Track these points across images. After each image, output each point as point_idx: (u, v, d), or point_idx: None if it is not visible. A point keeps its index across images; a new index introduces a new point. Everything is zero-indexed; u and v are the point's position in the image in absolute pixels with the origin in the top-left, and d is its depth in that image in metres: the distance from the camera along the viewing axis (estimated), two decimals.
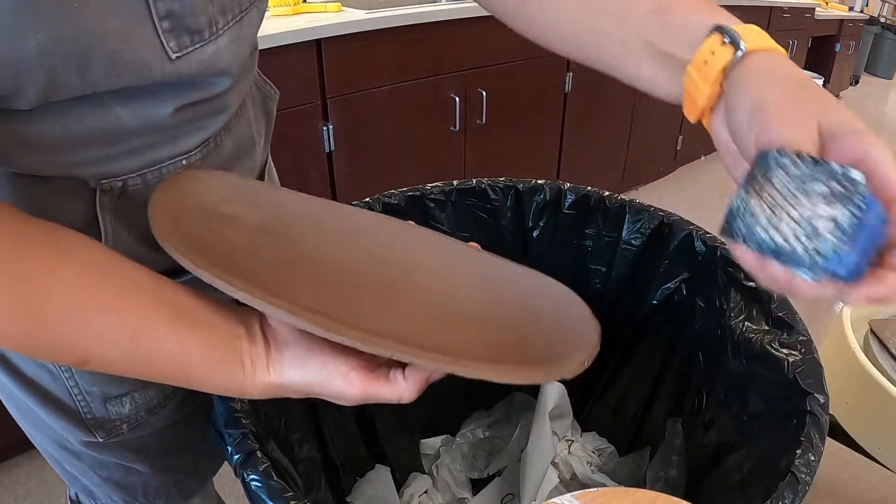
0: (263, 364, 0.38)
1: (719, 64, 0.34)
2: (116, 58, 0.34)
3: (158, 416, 0.53)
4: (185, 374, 0.37)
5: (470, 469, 0.84)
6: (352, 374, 0.37)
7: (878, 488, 0.90)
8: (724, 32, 0.34)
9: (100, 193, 0.41)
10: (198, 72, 0.39)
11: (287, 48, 1.34)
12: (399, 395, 0.37)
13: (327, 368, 0.37)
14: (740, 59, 0.33)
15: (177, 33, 0.36)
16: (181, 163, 0.44)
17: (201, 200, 0.41)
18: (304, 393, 0.39)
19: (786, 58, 0.34)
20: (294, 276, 0.40)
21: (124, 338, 0.34)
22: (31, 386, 0.48)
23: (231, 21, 0.40)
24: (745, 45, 0.33)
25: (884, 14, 5.69)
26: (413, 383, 0.37)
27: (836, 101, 0.31)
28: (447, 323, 0.42)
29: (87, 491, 0.58)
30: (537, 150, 2.22)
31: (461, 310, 0.44)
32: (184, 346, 0.36)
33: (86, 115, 0.37)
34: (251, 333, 0.38)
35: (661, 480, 0.71)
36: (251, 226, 0.43)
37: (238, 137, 0.51)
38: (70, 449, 0.53)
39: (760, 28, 0.35)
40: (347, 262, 0.44)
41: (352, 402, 0.38)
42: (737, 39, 0.33)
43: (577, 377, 0.38)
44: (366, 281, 0.43)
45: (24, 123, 0.36)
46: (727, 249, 0.64)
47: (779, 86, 0.32)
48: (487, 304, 0.45)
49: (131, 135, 0.40)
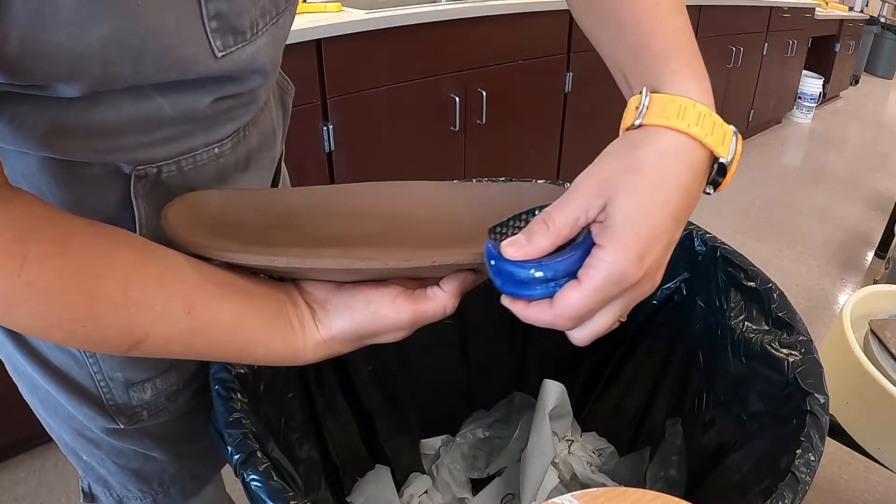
0: (311, 322, 0.40)
1: (625, 123, 0.37)
2: (168, 53, 0.36)
3: (177, 403, 0.54)
4: (241, 344, 0.38)
5: (470, 469, 0.84)
6: (398, 300, 0.39)
7: (877, 488, 0.90)
8: (638, 107, 0.36)
9: (134, 180, 0.42)
10: (238, 69, 0.41)
11: (287, 48, 1.33)
12: (443, 306, 0.40)
13: (374, 302, 0.39)
14: (635, 127, 0.36)
15: (223, 33, 0.38)
16: (214, 150, 0.46)
17: (207, 214, 0.43)
18: (356, 339, 0.40)
19: (677, 143, 0.34)
20: (317, 247, 0.43)
21: (181, 313, 0.35)
22: (55, 373, 0.49)
23: (269, 23, 0.43)
24: (644, 119, 0.35)
25: (884, 14, 5.69)
26: (451, 291, 0.40)
27: (646, 195, 0.33)
28: (458, 241, 0.45)
29: (101, 480, 0.58)
30: (537, 150, 2.22)
31: (466, 231, 0.47)
32: (237, 317, 0.37)
33: (127, 103, 0.39)
34: (293, 299, 0.40)
35: (661, 480, 0.71)
36: (258, 225, 0.45)
37: (262, 129, 0.53)
38: (89, 437, 0.54)
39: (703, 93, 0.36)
40: (355, 228, 0.47)
41: (404, 331, 0.40)
42: (642, 110, 0.35)
43: (577, 377, 0.39)
44: (376, 234, 0.46)
45: (64, 110, 0.37)
46: (727, 249, 0.64)
47: (612, 160, 0.35)
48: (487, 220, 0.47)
49: (169, 123, 0.42)
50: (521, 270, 0.35)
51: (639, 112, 0.35)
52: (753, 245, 2.51)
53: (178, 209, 0.42)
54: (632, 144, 0.35)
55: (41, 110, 0.37)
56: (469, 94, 1.83)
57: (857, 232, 2.69)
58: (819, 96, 4.28)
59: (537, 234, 0.35)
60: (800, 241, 2.56)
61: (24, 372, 0.51)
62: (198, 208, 0.43)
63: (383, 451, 0.79)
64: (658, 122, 0.34)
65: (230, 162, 0.49)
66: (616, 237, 0.33)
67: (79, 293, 0.32)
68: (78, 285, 0.32)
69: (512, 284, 0.36)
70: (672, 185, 0.34)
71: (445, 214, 0.49)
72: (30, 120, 0.37)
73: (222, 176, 0.49)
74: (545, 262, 0.35)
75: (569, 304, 0.34)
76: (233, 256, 0.37)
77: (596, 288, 0.33)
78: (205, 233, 0.41)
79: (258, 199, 0.48)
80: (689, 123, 0.34)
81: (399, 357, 0.75)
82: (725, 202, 2.87)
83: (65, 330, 0.33)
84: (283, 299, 0.40)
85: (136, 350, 0.35)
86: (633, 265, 0.33)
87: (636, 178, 0.34)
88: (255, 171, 0.53)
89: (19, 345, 0.48)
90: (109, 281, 0.33)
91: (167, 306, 0.35)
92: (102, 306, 0.33)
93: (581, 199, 0.35)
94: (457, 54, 1.76)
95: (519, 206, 0.48)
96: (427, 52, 1.68)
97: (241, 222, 0.44)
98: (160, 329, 0.35)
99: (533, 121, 2.12)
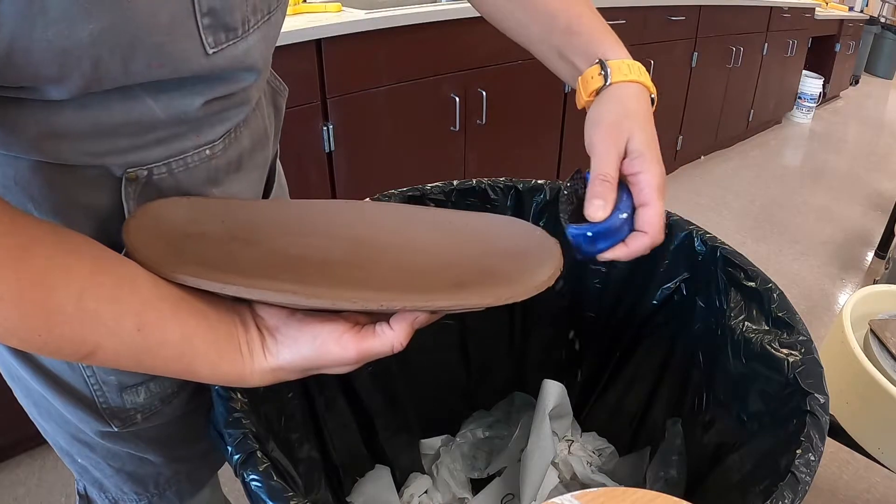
0: (259, 350, 0.39)
1: (593, 87, 0.50)
2: (159, 50, 0.36)
3: (172, 406, 0.54)
4: (188, 365, 0.38)
5: (470, 469, 0.84)
6: (344, 337, 0.39)
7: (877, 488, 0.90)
8: (602, 66, 0.50)
9: (125, 182, 0.42)
10: (229, 67, 0.41)
11: (287, 48, 1.34)
12: (390, 344, 0.39)
13: (320, 338, 0.39)
14: (606, 87, 0.49)
15: (214, 29, 0.39)
16: (205, 152, 0.46)
17: (170, 226, 0.43)
18: (302, 370, 0.40)
19: (638, 89, 0.49)
20: (268, 269, 0.43)
21: (132, 331, 0.35)
22: (48, 377, 0.49)
23: (260, 20, 0.43)
24: (612, 79, 0.49)
25: (884, 14, 5.69)
26: (400, 330, 0.39)
27: (646, 126, 0.48)
28: (416, 275, 0.45)
29: (97, 484, 0.58)
30: (537, 150, 2.22)
31: (427, 262, 0.47)
32: (187, 338, 0.37)
33: (117, 106, 0.39)
34: (245, 323, 0.40)
35: (661, 480, 0.71)
36: (219, 238, 0.45)
37: (254, 130, 0.53)
38: (84, 440, 0.54)
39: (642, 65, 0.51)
40: (314, 249, 0.47)
41: (349, 366, 0.40)
42: (608, 74, 0.49)
43: (577, 377, 0.39)
44: (335, 260, 0.46)
45: (55, 114, 0.37)
46: (727, 249, 0.64)
47: (616, 112, 0.48)
48: (450, 251, 0.48)
49: (160, 126, 0.42)
50: (614, 220, 0.44)
51: (604, 76, 0.49)
52: (753, 245, 2.51)
53: (140, 220, 0.42)
54: (615, 99, 0.49)
55: (32, 114, 0.37)
56: (469, 94, 1.83)
57: (857, 232, 2.69)
58: (819, 96, 4.28)
59: (607, 189, 0.45)
60: (800, 241, 2.56)
61: (19, 376, 0.51)
62: (161, 218, 0.43)
63: (383, 451, 0.79)
64: (621, 79, 0.49)
65: (221, 163, 0.48)
66: (648, 160, 0.46)
67: (34, 304, 0.32)
68: (33, 296, 0.32)
69: (605, 240, 0.45)
70: (649, 117, 0.49)
71: (409, 244, 0.49)
72: (21, 124, 0.37)
73: (213, 177, 0.48)
74: (618, 207, 0.45)
75: (655, 222, 0.46)
76: (185, 279, 0.37)
77: (659, 199, 0.46)
78: (163, 247, 0.40)
79: (224, 209, 0.48)
80: (638, 76, 0.50)
81: (399, 357, 0.74)
82: (725, 202, 2.87)
83: (20, 337, 0.33)
84: (234, 322, 0.40)
85: (88, 360, 0.36)
86: (662, 168, 0.47)
87: (635, 119, 0.47)
88: (247, 172, 0.53)
89: (13, 349, 0.48)
90: (63, 294, 0.33)
91: (118, 323, 0.35)
92: (56, 318, 0.33)
93: (612, 148, 0.46)
94: (457, 54, 1.76)
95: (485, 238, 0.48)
96: (427, 52, 1.68)
97: (203, 233, 0.44)
98: (111, 343, 0.35)
99: (533, 121, 2.12)
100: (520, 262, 0.45)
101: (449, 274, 0.45)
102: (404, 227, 0.50)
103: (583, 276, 0.77)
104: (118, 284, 0.35)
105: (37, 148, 0.38)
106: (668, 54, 2.61)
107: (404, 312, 0.39)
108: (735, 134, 3.60)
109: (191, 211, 0.45)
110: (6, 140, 0.38)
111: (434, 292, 0.42)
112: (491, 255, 0.47)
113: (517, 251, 0.47)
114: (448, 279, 0.44)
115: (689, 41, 2.75)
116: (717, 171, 3.27)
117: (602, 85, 0.50)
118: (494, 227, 0.50)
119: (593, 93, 0.50)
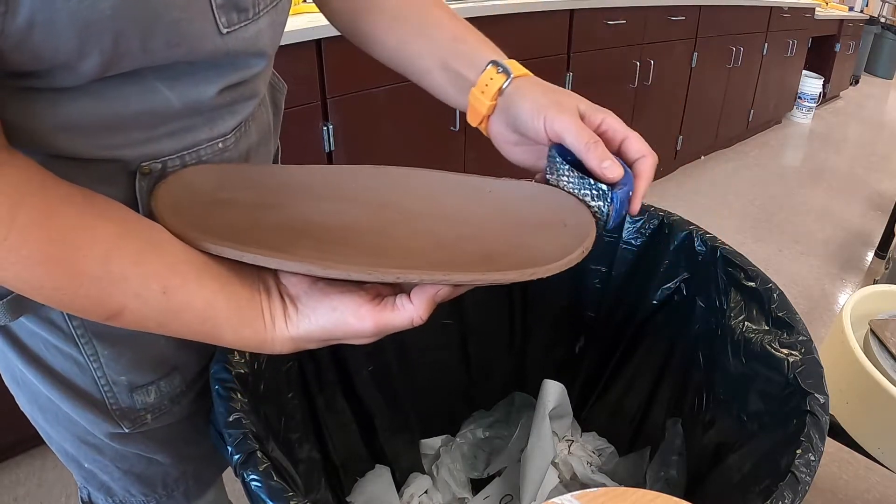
0: (282, 318, 0.40)
1: (496, 86, 0.49)
2: (176, 27, 0.36)
3: (181, 406, 0.54)
4: (212, 329, 0.39)
5: (470, 469, 0.84)
6: (361, 309, 0.39)
7: (877, 488, 0.90)
8: (497, 65, 0.49)
9: (139, 176, 0.43)
10: (241, 49, 0.42)
11: (287, 48, 1.34)
12: (409, 318, 0.39)
13: (338, 310, 0.39)
14: (511, 81, 0.49)
15: (227, 9, 0.40)
16: (217, 145, 0.47)
17: (197, 192, 0.43)
18: (322, 340, 0.41)
19: (538, 79, 0.50)
20: (294, 237, 0.42)
21: (157, 293, 0.36)
22: (57, 380, 0.49)
23: (269, 5, 0.44)
24: (513, 73, 0.49)
25: (884, 14, 5.69)
26: (420, 304, 0.39)
27: (576, 95, 0.49)
28: (443, 246, 0.44)
29: (104, 487, 0.58)
30: None
31: (455, 232, 0.45)
32: (211, 302, 0.38)
33: (133, 96, 0.39)
34: (268, 290, 0.41)
35: (661, 480, 0.71)
36: (247, 204, 0.45)
37: (260, 124, 0.54)
38: (92, 443, 0.54)
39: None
40: (339, 215, 0.46)
41: (368, 338, 0.40)
42: (507, 70, 0.49)
43: (577, 377, 0.38)
44: (359, 226, 0.45)
45: (70, 105, 0.37)
46: (727, 249, 0.64)
47: (544, 94, 0.48)
48: (479, 220, 0.47)
49: (175, 117, 0.42)
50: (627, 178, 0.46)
51: (505, 72, 0.49)
52: (753, 245, 2.51)
53: (171, 186, 0.42)
54: (532, 86, 0.49)
55: (47, 106, 0.37)
56: None
57: (857, 232, 2.69)
58: (819, 96, 4.28)
59: (604, 149, 0.45)
60: (800, 241, 2.56)
61: (25, 381, 0.51)
62: (192, 184, 0.43)
63: (383, 451, 0.79)
64: (520, 73, 0.50)
65: (233, 157, 0.49)
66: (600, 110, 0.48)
67: (59, 263, 0.33)
68: (59, 255, 0.33)
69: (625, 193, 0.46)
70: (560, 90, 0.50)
71: (438, 210, 0.47)
72: (36, 116, 0.37)
73: None
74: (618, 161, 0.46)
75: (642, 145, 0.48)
76: (208, 247, 0.38)
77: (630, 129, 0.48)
78: (190, 214, 0.41)
79: (255, 175, 0.48)
80: (523, 69, 0.51)
81: (399, 357, 0.75)
82: (725, 202, 2.87)
83: (45, 295, 0.34)
84: (258, 288, 0.40)
85: (114, 320, 0.36)
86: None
87: (562, 94, 0.49)
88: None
89: (21, 353, 0.48)
90: (90, 254, 0.34)
91: (143, 285, 0.36)
92: (81, 278, 0.34)
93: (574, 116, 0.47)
94: None
95: (517, 208, 0.47)
96: None
97: (233, 199, 0.45)
98: (136, 305, 0.36)
99: None
100: (551, 235, 0.44)
101: (475, 246, 0.44)
102: (433, 193, 0.49)
103: (583, 276, 0.77)
104: (144, 248, 0.36)
105: (52, 141, 0.39)
106: (668, 54, 2.61)
107: (425, 286, 0.39)
108: (735, 134, 3.60)
109: (221, 177, 0.45)
110: (20, 134, 0.38)
111: (456, 265, 0.41)
112: (521, 226, 0.46)
113: (549, 222, 0.45)
114: (474, 251, 0.43)
115: (689, 41, 2.75)
116: (717, 171, 3.27)
117: (505, 81, 0.49)
118: (527, 195, 0.49)
119: (496, 94, 0.49)
